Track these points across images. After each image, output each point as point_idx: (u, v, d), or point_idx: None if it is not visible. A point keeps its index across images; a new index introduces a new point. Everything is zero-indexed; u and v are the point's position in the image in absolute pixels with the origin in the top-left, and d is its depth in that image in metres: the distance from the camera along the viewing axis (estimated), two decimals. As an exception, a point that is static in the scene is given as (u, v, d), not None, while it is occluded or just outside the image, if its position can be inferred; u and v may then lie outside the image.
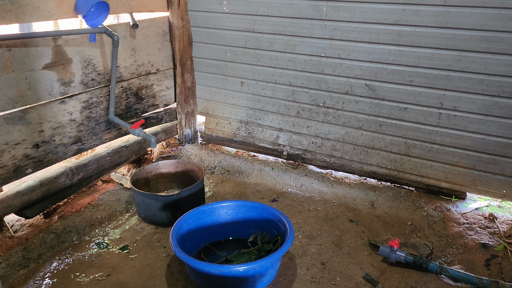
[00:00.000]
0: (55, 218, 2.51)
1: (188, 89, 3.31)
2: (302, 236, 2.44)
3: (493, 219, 2.49)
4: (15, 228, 2.41)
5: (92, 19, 2.39)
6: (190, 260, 1.87)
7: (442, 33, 2.38)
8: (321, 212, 2.68)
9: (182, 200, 2.48)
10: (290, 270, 2.16)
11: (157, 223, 2.55)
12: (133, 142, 3.02)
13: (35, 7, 2.18)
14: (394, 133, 2.72)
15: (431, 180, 2.70)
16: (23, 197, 2.34)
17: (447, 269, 2.05)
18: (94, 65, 2.61)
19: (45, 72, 2.33)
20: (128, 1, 2.71)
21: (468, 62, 2.37)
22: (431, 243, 2.32)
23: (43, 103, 2.36)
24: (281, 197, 2.86)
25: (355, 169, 2.94)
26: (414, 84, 2.56)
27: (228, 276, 1.86)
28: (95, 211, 2.64)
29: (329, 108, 2.88)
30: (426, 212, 2.60)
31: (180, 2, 3.05)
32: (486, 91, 2.37)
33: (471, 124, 2.47)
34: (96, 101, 2.67)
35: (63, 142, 2.52)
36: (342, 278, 2.11)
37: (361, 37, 2.61)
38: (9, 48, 2.13)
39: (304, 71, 2.87)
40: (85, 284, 2.09)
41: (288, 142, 3.14)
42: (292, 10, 2.75)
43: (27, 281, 2.11)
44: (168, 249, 2.34)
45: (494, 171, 2.50)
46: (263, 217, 2.25)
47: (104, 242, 2.41)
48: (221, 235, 2.33)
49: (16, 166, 2.28)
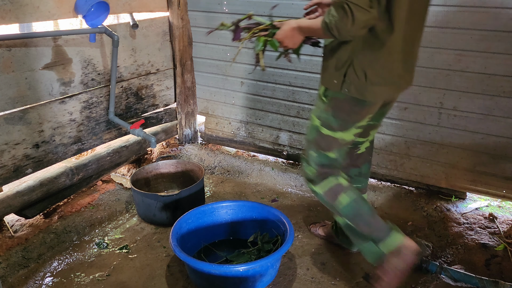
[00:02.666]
0: (55, 218, 2.51)
1: (188, 89, 3.31)
2: (302, 236, 2.44)
3: (493, 219, 2.49)
4: (15, 228, 2.41)
5: (92, 19, 2.38)
6: (190, 260, 1.87)
7: (442, 33, 2.38)
8: (321, 212, 2.68)
9: (182, 200, 2.48)
10: (290, 270, 2.16)
11: (157, 223, 2.55)
12: (133, 142, 3.02)
13: (35, 7, 2.18)
14: (394, 133, 2.72)
15: (431, 180, 2.70)
16: (23, 197, 2.34)
17: (447, 269, 2.05)
18: (94, 65, 2.61)
19: (45, 72, 2.33)
20: (128, 1, 2.71)
21: (468, 62, 2.37)
22: (431, 243, 2.32)
23: (43, 103, 2.36)
24: (281, 197, 2.86)
25: (355, 169, 2.94)
26: (414, 84, 2.54)
27: (228, 276, 1.86)
28: (95, 211, 2.64)
29: (329, 108, 2.88)
30: (426, 212, 2.60)
31: (180, 2, 3.05)
32: (486, 91, 2.37)
33: (471, 124, 2.47)
34: (96, 101, 2.67)
35: (63, 142, 2.52)
36: (342, 278, 2.11)
37: (361, 37, 2.60)
38: (9, 48, 2.13)
39: (304, 71, 2.87)
40: (85, 284, 2.09)
41: (288, 142, 3.14)
42: (292, 10, 2.74)
43: (27, 281, 2.11)
44: (168, 249, 2.34)
45: (494, 171, 2.50)
46: (263, 217, 2.25)
47: (104, 242, 2.41)
48: (221, 235, 2.33)
49: (16, 166, 2.28)
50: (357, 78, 1.58)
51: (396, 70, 1.61)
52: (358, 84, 1.59)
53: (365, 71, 1.57)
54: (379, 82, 1.60)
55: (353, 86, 1.60)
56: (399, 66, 1.61)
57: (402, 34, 1.53)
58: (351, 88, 1.60)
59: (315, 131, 1.81)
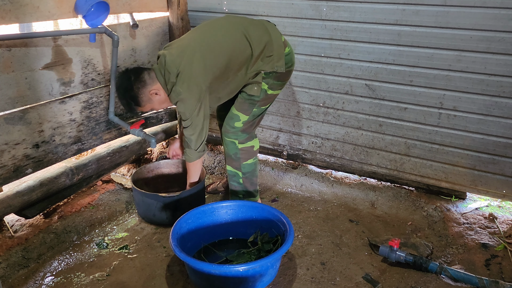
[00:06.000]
0: (55, 218, 2.51)
1: (188, 89, 3.30)
2: (302, 236, 2.44)
3: (493, 219, 2.49)
4: (15, 228, 2.41)
5: (92, 19, 2.38)
6: (190, 260, 1.87)
7: (442, 33, 2.38)
8: (321, 212, 2.68)
9: (182, 200, 2.48)
10: (290, 270, 2.16)
11: (157, 223, 2.55)
12: (133, 142, 3.02)
13: (35, 7, 2.18)
14: (394, 133, 2.72)
15: (431, 180, 2.70)
16: (23, 197, 2.34)
17: (447, 269, 2.05)
18: (94, 65, 2.61)
19: (45, 72, 2.33)
20: (128, 1, 2.71)
21: (468, 62, 2.37)
22: (431, 243, 2.32)
23: (43, 103, 2.36)
24: (281, 197, 2.86)
25: (355, 169, 2.94)
26: (414, 84, 2.56)
27: (228, 276, 1.86)
28: (95, 211, 2.64)
29: (329, 108, 2.88)
30: (426, 212, 2.60)
31: (180, 2, 3.05)
32: (486, 91, 2.37)
33: (471, 124, 2.47)
34: (96, 101, 2.67)
35: (63, 142, 2.52)
36: (342, 278, 2.11)
37: (361, 37, 2.61)
38: (9, 48, 2.13)
39: (304, 71, 2.87)
40: (85, 284, 2.09)
41: (288, 142, 3.14)
42: (292, 10, 2.75)
43: (27, 281, 2.11)
44: (168, 249, 2.34)
45: (494, 171, 2.50)
46: (263, 217, 2.25)
47: (104, 242, 2.41)
48: (221, 235, 2.33)
49: (16, 166, 2.28)
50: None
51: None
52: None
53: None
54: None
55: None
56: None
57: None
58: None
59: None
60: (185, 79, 2.16)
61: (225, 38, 2.24)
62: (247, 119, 2.38)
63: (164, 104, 2.36)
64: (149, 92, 2.26)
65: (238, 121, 2.37)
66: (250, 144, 2.45)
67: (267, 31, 2.28)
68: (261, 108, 2.39)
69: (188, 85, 2.16)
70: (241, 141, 2.42)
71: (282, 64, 2.28)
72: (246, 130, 2.41)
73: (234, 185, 2.55)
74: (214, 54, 2.20)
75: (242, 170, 2.49)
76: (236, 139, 2.41)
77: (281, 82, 2.37)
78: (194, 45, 2.21)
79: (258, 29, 2.27)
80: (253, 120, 2.41)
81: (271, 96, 2.39)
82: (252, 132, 2.46)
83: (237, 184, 2.53)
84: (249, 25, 2.29)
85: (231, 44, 2.22)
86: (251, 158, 2.49)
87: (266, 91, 2.33)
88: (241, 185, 2.53)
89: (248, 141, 2.44)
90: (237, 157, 2.45)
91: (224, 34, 2.26)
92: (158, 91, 2.27)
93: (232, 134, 2.40)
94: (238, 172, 2.49)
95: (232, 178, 2.53)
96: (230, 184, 2.56)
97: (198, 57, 2.17)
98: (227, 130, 2.41)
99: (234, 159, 2.47)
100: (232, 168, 2.50)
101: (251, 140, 2.45)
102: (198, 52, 2.18)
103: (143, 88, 2.25)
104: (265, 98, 2.35)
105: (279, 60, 2.27)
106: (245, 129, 2.40)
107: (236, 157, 2.45)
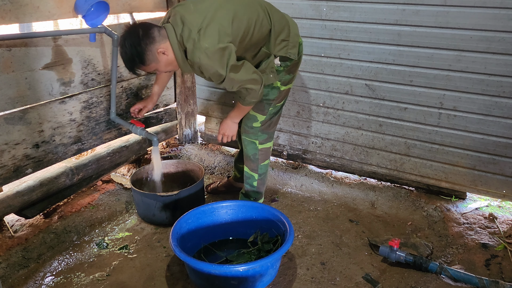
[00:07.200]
0: (55, 218, 2.51)
1: (188, 89, 3.31)
2: (302, 236, 2.44)
3: (493, 219, 2.49)
4: (15, 228, 2.41)
5: (92, 19, 2.38)
6: (190, 260, 1.87)
7: (442, 33, 2.38)
8: (321, 212, 2.68)
9: (181, 200, 2.48)
10: (290, 270, 2.16)
11: (157, 223, 2.55)
12: (133, 142, 3.02)
13: (35, 7, 2.18)
14: (394, 133, 2.72)
15: (431, 180, 2.70)
16: (23, 197, 2.34)
17: (447, 269, 2.05)
18: (94, 65, 2.61)
19: (45, 72, 2.33)
20: (128, 1, 2.71)
21: (468, 62, 2.37)
22: (431, 243, 2.32)
23: (43, 103, 2.36)
24: (281, 197, 2.86)
25: (355, 169, 2.94)
26: (414, 84, 2.56)
27: (228, 276, 1.86)
28: (95, 211, 2.64)
29: (329, 108, 2.88)
30: (426, 212, 2.60)
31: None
32: (486, 91, 2.37)
33: (471, 124, 2.47)
34: (96, 101, 2.67)
35: (63, 142, 2.52)
36: (342, 278, 2.11)
37: (361, 37, 2.61)
38: (9, 48, 2.13)
39: (304, 71, 2.87)
40: (85, 284, 2.09)
41: (288, 142, 3.14)
42: (292, 10, 2.74)
43: (27, 281, 2.11)
44: (168, 249, 2.34)
45: (494, 171, 2.50)
46: (263, 217, 2.25)
47: (104, 242, 2.41)
48: (221, 235, 2.33)
49: (16, 166, 2.28)
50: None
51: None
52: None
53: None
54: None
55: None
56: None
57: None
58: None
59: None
60: (211, 33, 1.98)
61: (250, 5, 2.13)
62: (264, 119, 2.36)
63: (169, 67, 2.16)
64: (157, 50, 2.06)
65: (256, 121, 2.36)
66: (269, 145, 2.45)
67: (284, 17, 2.26)
68: (276, 105, 2.38)
69: (214, 39, 1.98)
70: (261, 142, 2.41)
71: (295, 52, 2.26)
72: (265, 130, 2.40)
73: (247, 187, 2.54)
74: (238, 16, 2.06)
75: (258, 172, 2.48)
76: (256, 139, 2.40)
77: (291, 75, 2.34)
78: (217, 3, 2.07)
79: (277, 12, 2.24)
80: (271, 119, 2.40)
81: (284, 92, 2.37)
82: (271, 132, 2.46)
83: (250, 187, 2.53)
84: (270, 6, 2.23)
85: (255, 13, 2.11)
86: (267, 159, 2.49)
87: (279, 88, 2.31)
88: (254, 188, 2.52)
89: (267, 142, 2.44)
90: (255, 158, 2.44)
91: (248, 3, 2.15)
92: (166, 50, 2.07)
93: (252, 134, 2.39)
94: (255, 174, 2.48)
95: (247, 180, 2.52)
96: (245, 185, 2.55)
97: (224, 13, 2.03)
98: (246, 131, 2.40)
99: (253, 160, 2.45)
100: (249, 170, 2.49)
101: (270, 141, 2.46)
102: (223, 9, 2.04)
103: (151, 45, 2.04)
104: (278, 95, 2.34)
105: (293, 48, 2.24)
106: (263, 129, 2.39)
107: (255, 158, 2.44)
